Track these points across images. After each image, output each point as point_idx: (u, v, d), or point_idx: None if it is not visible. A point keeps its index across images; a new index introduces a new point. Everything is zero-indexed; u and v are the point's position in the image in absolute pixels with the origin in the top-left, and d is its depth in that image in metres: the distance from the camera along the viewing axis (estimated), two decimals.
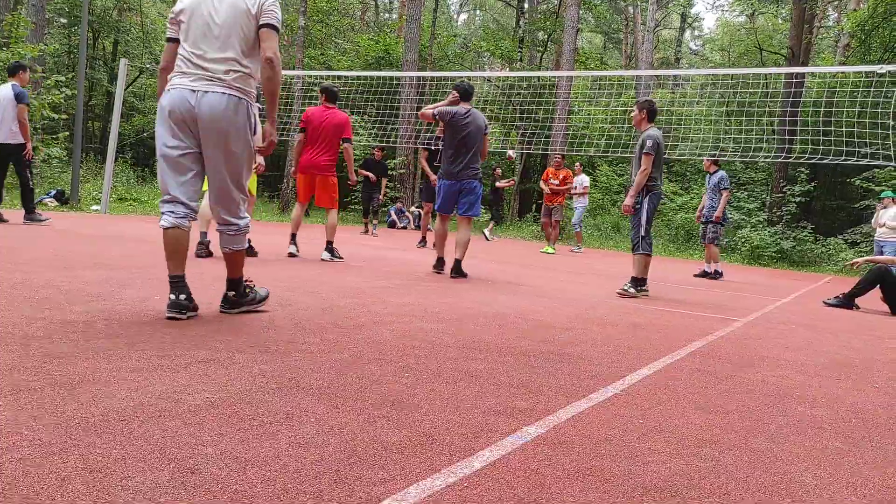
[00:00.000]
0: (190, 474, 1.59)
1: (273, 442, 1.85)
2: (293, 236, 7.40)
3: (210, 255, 6.28)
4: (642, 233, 6.57)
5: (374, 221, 14.43)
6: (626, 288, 6.55)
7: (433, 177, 9.97)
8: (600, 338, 4.06)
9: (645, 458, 2.03)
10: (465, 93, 6.86)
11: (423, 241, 11.54)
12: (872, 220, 13.15)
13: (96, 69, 24.65)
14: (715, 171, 10.36)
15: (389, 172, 17.28)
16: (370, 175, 14.22)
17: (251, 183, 6.69)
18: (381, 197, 14.74)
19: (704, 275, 10.43)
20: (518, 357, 3.27)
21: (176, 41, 3.55)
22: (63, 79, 15.07)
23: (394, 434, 2.00)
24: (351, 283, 5.49)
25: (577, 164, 16.15)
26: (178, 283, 3.43)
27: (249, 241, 6.49)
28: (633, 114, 6.87)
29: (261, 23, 3.50)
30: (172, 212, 3.45)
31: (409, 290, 5.36)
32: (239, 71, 3.46)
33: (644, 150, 6.49)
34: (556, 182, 13.37)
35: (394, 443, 1.93)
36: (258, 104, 3.84)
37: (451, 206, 6.98)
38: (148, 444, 1.74)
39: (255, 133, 3.61)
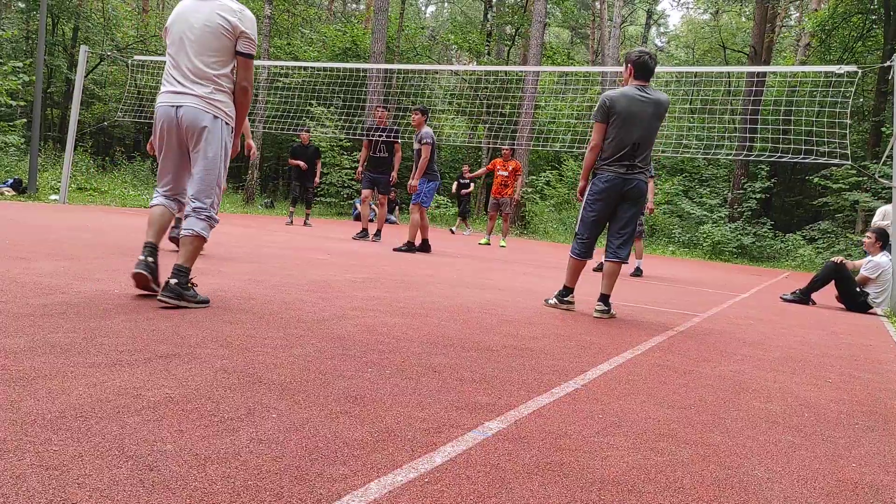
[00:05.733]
0: (148, 471, 1.58)
1: (234, 438, 1.84)
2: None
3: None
4: (576, 229, 5.20)
5: (308, 211, 13.87)
6: (547, 299, 5.34)
7: (360, 170, 10.75)
8: (562, 333, 4.10)
9: (604, 452, 2.06)
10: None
11: (364, 232, 10.92)
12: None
13: (55, 55, 24.06)
14: None
15: (322, 159, 16.19)
16: (300, 164, 13.47)
17: None
18: (316, 181, 13.97)
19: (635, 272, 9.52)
20: (481, 352, 3.29)
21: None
22: (21, 65, 14.71)
23: (355, 430, 2.01)
24: (315, 276, 5.47)
25: None
26: (150, 247, 3.76)
27: None
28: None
29: (239, 50, 3.78)
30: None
31: (374, 284, 5.36)
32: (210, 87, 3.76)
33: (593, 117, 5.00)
34: (506, 174, 13.01)
35: (355, 439, 1.94)
36: None
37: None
38: (106, 441, 1.72)
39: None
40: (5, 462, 1.54)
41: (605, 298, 4.98)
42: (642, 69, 4.91)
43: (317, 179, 14.01)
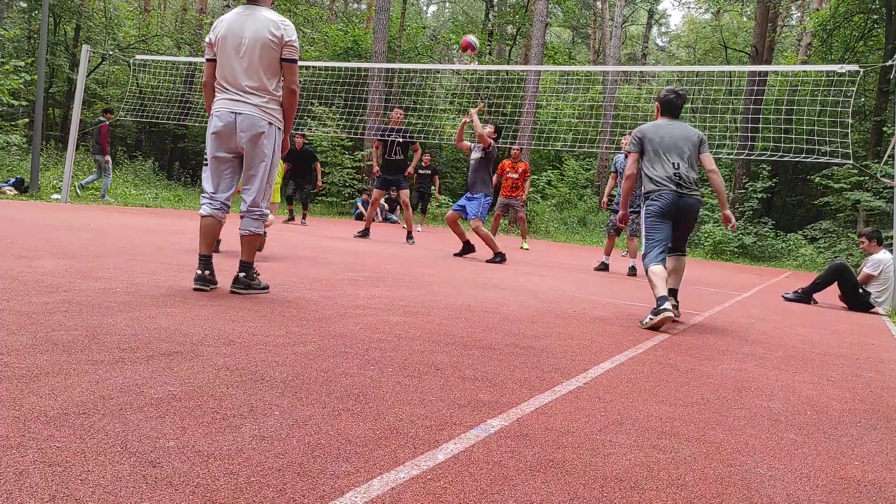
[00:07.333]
0: (151, 468, 1.58)
1: (236, 435, 1.84)
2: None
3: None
4: (642, 249, 5.03)
5: (304, 211, 13.92)
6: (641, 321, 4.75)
7: (376, 168, 11.01)
8: (564, 331, 4.10)
9: (606, 449, 2.06)
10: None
11: (366, 231, 10.98)
12: None
13: (57, 55, 24.01)
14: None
15: (320, 159, 15.63)
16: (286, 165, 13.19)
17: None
18: (318, 184, 14.03)
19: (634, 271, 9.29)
20: (483, 350, 3.29)
21: (213, 61, 4.22)
22: (22, 64, 14.70)
23: (358, 427, 2.01)
24: (318, 275, 5.47)
25: None
26: (204, 260, 4.20)
27: None
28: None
29: (284, 57, 4.16)
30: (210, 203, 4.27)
31: (376, 283, 5.36)
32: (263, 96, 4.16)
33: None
34: (515, 175, 12.74)
35: (358, 436, 1.94)
36: None
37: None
38: (108, 438, 1.72)
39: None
40: (8, 458, 1.54)
41: (673, 293, 5.09)
42: (668, 107, 5.16)
43: (318, 183, 14.01)
